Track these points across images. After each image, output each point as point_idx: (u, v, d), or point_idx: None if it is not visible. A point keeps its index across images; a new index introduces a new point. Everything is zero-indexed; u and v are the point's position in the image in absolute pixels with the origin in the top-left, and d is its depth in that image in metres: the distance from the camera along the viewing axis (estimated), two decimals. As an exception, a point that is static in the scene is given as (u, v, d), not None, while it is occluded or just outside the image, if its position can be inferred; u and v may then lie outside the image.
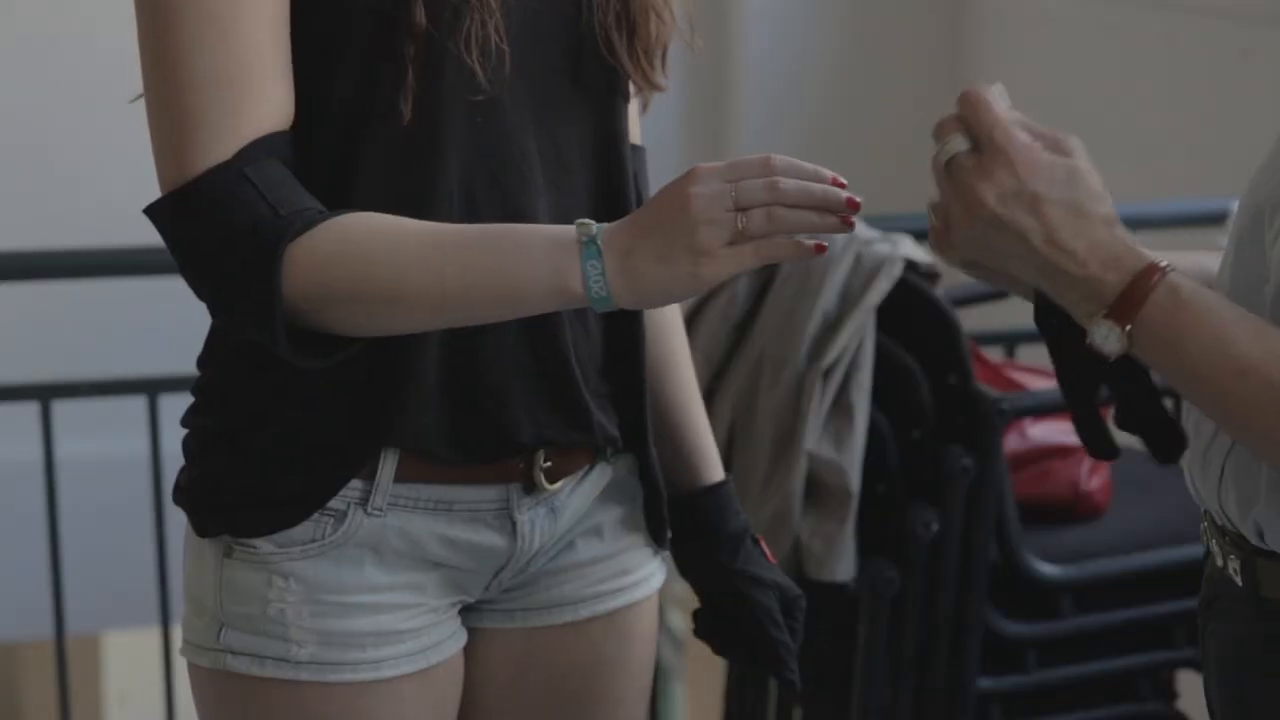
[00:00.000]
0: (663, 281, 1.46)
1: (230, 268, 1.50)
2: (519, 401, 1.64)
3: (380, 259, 1.50)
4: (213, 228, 1.50)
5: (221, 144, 1.50)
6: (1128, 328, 1.34)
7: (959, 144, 1.37)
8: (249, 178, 1.50)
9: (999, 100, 1.38)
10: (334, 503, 1.61)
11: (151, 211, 1.54)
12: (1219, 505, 1.48)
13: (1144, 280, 1.34)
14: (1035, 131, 1.37)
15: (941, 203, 1.40)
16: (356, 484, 1.61)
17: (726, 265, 1.45)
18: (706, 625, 1.82)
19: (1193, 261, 1.50)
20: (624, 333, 1.71)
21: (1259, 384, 1.33)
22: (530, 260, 1.49)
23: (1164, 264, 1.35)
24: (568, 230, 1.49)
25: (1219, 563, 1.50)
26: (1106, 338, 1.35)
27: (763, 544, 1.81)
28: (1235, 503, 1.46)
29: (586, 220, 1.49)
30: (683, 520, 1.79)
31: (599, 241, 1.47)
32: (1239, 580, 1.47)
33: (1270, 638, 1.45)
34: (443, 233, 1.52)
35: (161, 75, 1.52)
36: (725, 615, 1.80)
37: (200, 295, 1.55)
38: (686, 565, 1.81)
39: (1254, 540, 1.45)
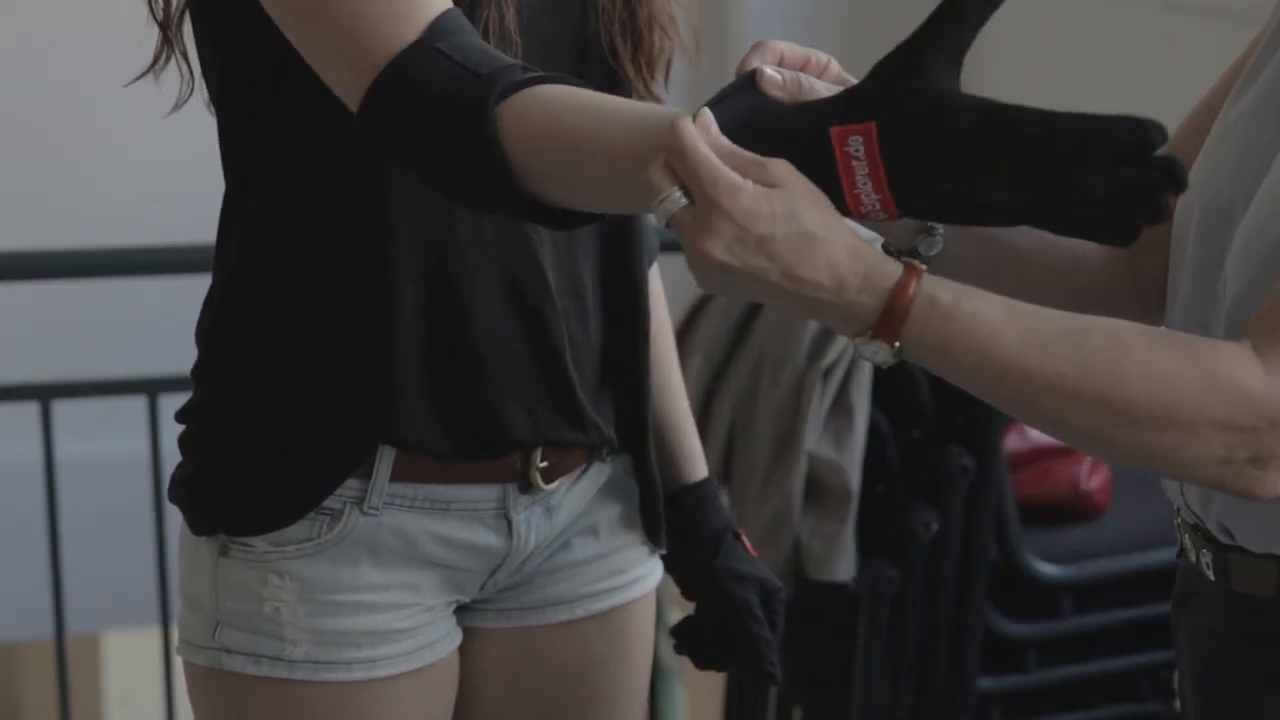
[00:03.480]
0: None
1: (445, 142, 1.45)
2: (514, 398, 1.64)
3: (595, 115, 1.43)
4: (417, 106, 1.45)
5: (403, 30, 1.46)
6: (896, 344, 1.32)
7: (675, 201, 1.33)
8: (442, 51, 1.46)
9: (705, 133, 1.33)
10: (330, 502, 1.61)
11: (361, 115, 1.48)
12: (1184, 502, 1.49)
13: (900, 297, 1.32)
14: (740, 160, 1.32)
15: None
16: (352, 483, 1.61)
17: None
18: (687, 640, 1.82)
19: None
20: (626, 332, 1.71)
21: (1039, 379, 1.32)
22: None
23: (920, 268, 1.33)
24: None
25: (1192, 558, 1.50)
26: (876, 353, 1.33)
27: (743, 539, 1.81)
28: (1198, 501, 1.47)
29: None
30: (667, 518, 1.80)
31: None
32: (1211, 575, 1.48)
33: (1241, 632, 1.46)
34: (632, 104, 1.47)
35: None
36: (707, 612, 1.80)
37: (430, 184, 1.49)
38: (669, 562, 1.82)
39: (1221, 538, 1.46)
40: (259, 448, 1.62)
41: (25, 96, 4.82)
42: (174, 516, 1.73)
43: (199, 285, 1.69)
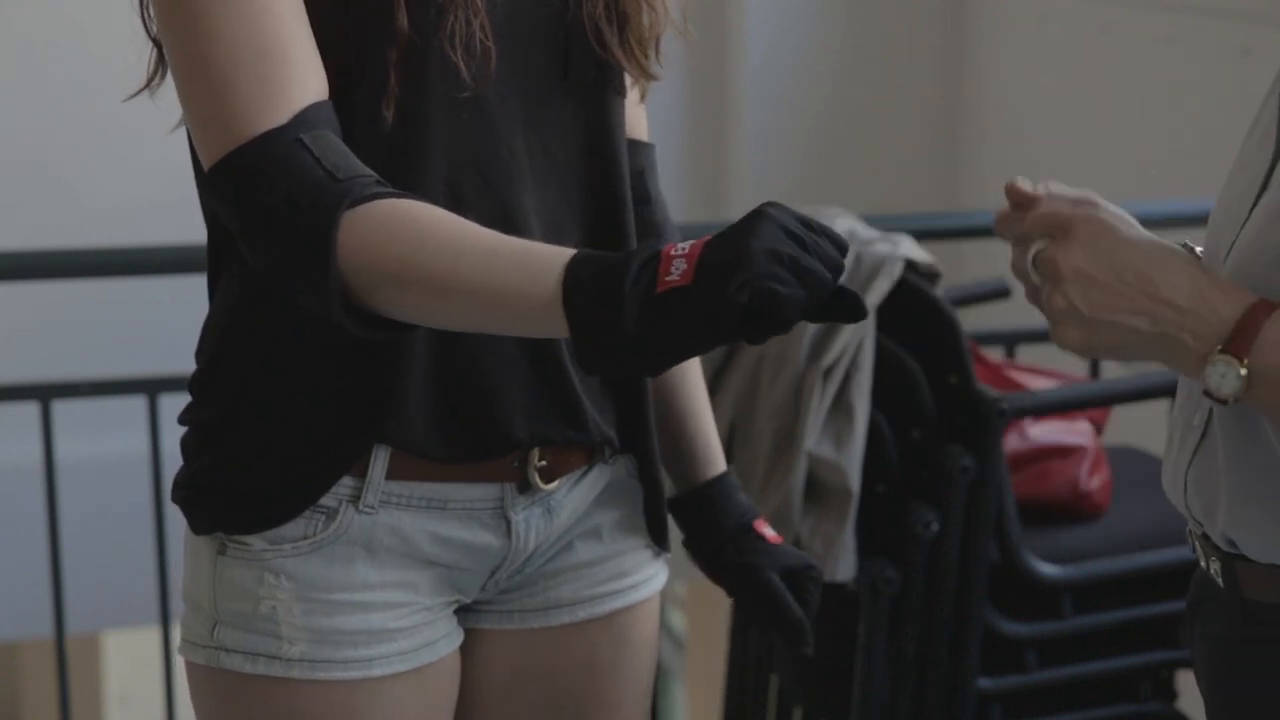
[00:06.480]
0: None
1: (286, 232, 1.48)
2: (513, 399, 1.64)
3: (437, 243, 1.47)
4: (269, 191, 1.48)
5: (272, 110, 1.49)
6: (1245, 362, 1.28)
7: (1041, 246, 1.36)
8: (304, 143, 1.48)
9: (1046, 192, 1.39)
10: (325, 500, 1.61)
11: (210, 177, 1.51)
12: (1190, 514, 1.49)
13: (1259, 307, 1.29)
14: (1065, 197, 1.38)
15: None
16: (348, 481, 1.62)
17: None
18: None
19: None
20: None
21: None
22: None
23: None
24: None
25: (1203, 565, 1.50)
26: (1224, 378, 1.30)
27: (761, 528, 1.81)
28: (1202, 512, 1.46)
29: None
30: (684, 516, 1.80)
31: None
32: (1220, 582, 1.48)
33: (1253, 639, 1.46)
34: (497, 236, 1.49)
35: (199, 49, 1.50)
36: (744, 605, 1.82)
37: (256, 261, 1.52)
38: (693, 557, 1.83)
39: (1225, 548, 1.45)
40: (257, 449, 1.62)
41: (25, 97, 4.82)
42: (174, 516, 1.73)
43: (199, 285, 1.69)
